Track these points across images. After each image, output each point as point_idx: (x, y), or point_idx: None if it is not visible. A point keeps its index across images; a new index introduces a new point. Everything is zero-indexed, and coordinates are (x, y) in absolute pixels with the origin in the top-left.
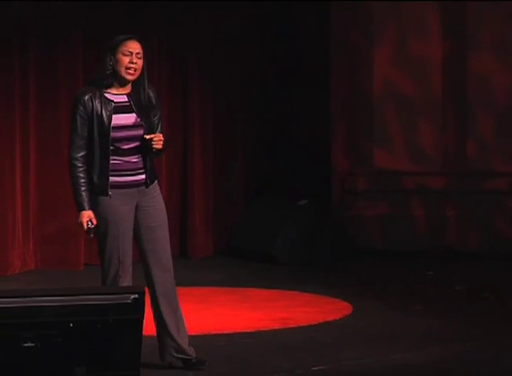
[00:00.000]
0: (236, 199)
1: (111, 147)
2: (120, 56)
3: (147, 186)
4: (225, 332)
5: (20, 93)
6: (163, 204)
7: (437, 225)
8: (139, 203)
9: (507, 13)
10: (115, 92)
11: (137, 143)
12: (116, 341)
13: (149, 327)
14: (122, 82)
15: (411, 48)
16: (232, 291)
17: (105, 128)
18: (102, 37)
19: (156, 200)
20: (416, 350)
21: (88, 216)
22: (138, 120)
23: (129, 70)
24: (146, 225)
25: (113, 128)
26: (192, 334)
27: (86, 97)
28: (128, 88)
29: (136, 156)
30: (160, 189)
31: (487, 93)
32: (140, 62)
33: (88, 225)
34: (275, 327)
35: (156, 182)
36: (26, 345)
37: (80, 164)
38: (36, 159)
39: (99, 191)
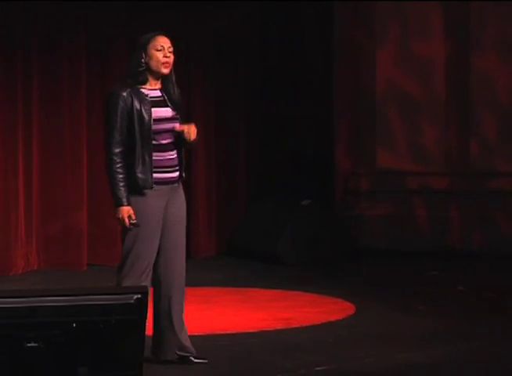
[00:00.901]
0: (238, 199)
1: (153, 142)
2: (153, 51)
3: (178, 183)
4: (228, 332)
5: (23, 94)
6: (184, 201)
7: (439, 226)
8: (169, 199)
9: (510, 13)
10: (149, 88)
11: (173, 138)
12: (118, 342)
13: (151, 327)
14: (156, 77)
15: (414, 48)
16: (235, 291)
17: (145, 122)
18: (105, 38)
19: (181, 196)
20: (419, 350)
21: (127, 211)
22: (174, 113)
23: (165, 64)
24: (170, 223)
25: (154, 121)
26: (195, 334)
27: (125, 93)
28: (159, 84)
29: (173, 152)
30: None
31: (490, 93)
32: (172, 56)
33: (129, 220)
34: (278, 327)
35: None
36: (28, 345)
37: (119, 160)
38: (39, 159)
39: (142, 186)
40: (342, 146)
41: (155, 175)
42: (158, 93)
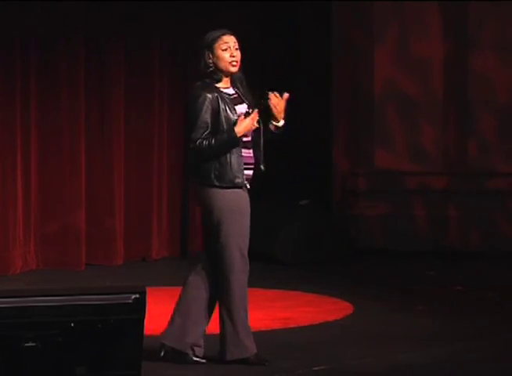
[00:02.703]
0: None
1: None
2: (219, 51)
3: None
4: None
5: (21, 94)
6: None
7: (438, 225)
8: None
9: (508, 13)
10: (224, 86)
11: (250, 138)
12: (117, 341)
13: (149, 327)
14: (226, 76)
15: (412, 47)
16: None
17: (232, 120)
18: (104, 38)
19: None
20: (417, 350)
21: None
22: (250, 110)
23: (232, 63)
24: None
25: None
26: None
27: (211, 95)
28: (229, 81)
29: (251, 150)
30: (162, 188)
31: (488, 93)
32: (239, 53)
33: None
34: (276, 327)
35: None
36: (27, 344)
37: (206, 140)
38: (37, 159)
39: (236, 184)
40: (340, 146)
41: (245, 171)
42: (232, 91)
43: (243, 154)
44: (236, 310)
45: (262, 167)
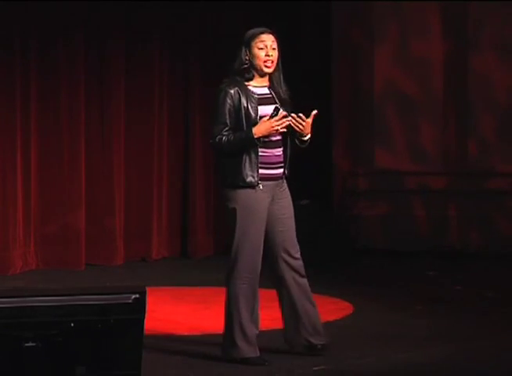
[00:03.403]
0: None
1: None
2: (255, 50)
3: (282, 180)
4: None
5: (21, 94)
6: (290, 195)
7: (438, 225)
8: (274, 195)
9: (508, 13)
10: (256, 85)
11: (280, 136)
12: (117, 341)
13: (149, 327)
14: (261, 74)
15: (412, 47)
16: None
17: (252, 119)
18: (103, 38)
19: (286, 191)
20: (417, 350)
21: (264, 124)
22: (276, 112)
23: (266, 63)
24: (278, 217)
25: (260, 118)
26: (194, 333)
27: (233, 90)
28: (267, 80)
29: (280, 149)
30: (162, 188)
31: (488, 93)
32: (275, 53)
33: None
34: (276, 327)
35: None
36: (27, 344)
37: (223, 137)
38: (37, 159)
39: (249, 182)
40: (340, 146)
41: (261, 171)
42: (266, 90)
43: (266, 154)
44: (232, 310)
45: (286, 172)
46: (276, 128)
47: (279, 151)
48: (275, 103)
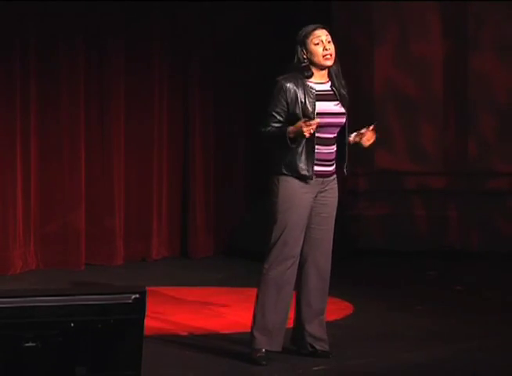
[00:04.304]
0: (237, 199)
1: (316, 135)
2: (312, 46)
3: (332, 177)
4: (226, 332)
5: (21, 95)
6: (337, 195)
7: (438, 225)
8: (319, 192)
9: (508, 13)
10: (316, 81)
11: (336, 133)
12: (117, 341)
13: (149, 327)
14: (321, 69)
15: (412, 48)
16: (233, 290)
17: (309, 114)
18: (103, 38)
19: (333, 190)
20: (417, 350)
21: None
22: (342, 108)
23: (326, 57)
24: (319, 215)
25: (318, 114)
26: (193, 333)
27: (289, 84)
28: (326, 77)
29: (333, 146)
30: (162, 188)
31: (488, 93)
32: (332, 46)
33: (309, 126)
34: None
35: None
36: (27, 344)
37: (267, 128)
38: (37, 159)
39: (302, 176)
40: None
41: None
42: (327, 87)
43: (320, 151)
44: (257, 299)
45: (345, 171)
46: (305, 133)
47: (331, 149)
48: (336, 99)
